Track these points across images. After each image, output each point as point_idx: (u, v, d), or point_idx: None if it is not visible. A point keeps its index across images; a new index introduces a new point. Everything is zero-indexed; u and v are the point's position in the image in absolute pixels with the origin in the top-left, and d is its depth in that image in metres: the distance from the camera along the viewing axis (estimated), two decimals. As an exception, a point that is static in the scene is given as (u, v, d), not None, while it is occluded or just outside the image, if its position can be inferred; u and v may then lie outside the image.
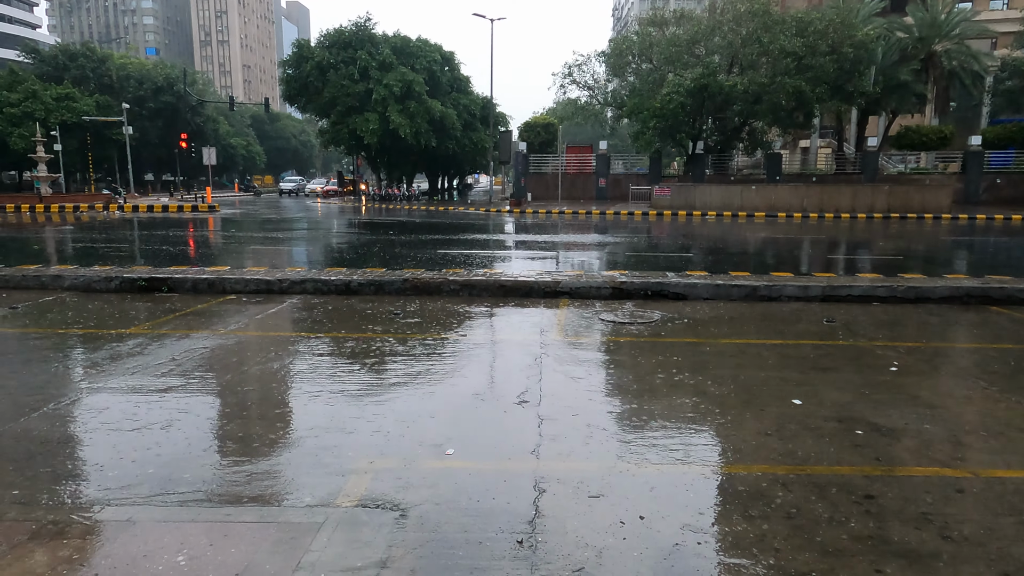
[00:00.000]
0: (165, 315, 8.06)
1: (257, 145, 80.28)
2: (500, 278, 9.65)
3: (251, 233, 21.23)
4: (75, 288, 9.86)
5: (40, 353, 6.34)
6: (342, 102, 42.14)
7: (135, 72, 58.59)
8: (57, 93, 46.75)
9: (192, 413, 4.63)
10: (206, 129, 62.48)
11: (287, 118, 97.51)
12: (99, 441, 4.14)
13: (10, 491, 3.44)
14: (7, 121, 43.98)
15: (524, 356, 6.14)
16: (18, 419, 4.49)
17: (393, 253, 14.62)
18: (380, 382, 5.39)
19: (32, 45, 58.88)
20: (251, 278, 9.83)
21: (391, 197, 46.21)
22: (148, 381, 5.38)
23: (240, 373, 5.65)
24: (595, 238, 19.26)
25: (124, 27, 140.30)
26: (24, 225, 24.14)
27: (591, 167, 40.56)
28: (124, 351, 6.36)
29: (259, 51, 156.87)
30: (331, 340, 6.90)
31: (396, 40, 44.28)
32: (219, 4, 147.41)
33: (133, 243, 17.56)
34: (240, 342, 6.74)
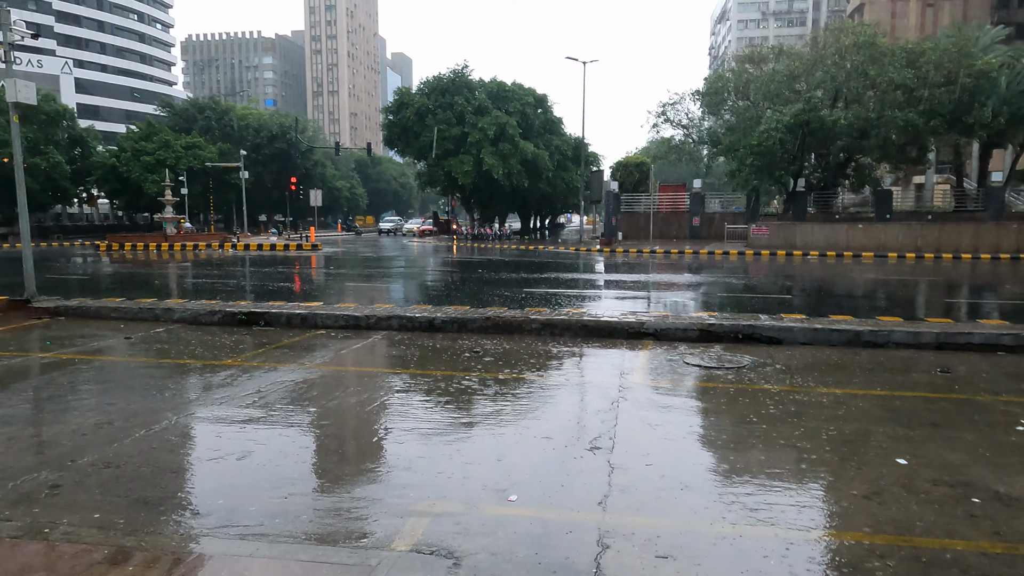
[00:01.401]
0: (258, 348, 8.43)
1: (360, 187, 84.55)
2: (582, 318, 9.48)
3: (347, 270, 22.14)
4: (183, 320, 10.53)
5: (142, 381, 6.75)
6: (439, 145, 43.74)
7: (253, 121, 63.51)
8: (186, 142, 51.30)
9: (267, 446, 4.73)
10: (314, 173, 66.50)
11: (388, 162, 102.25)
12: (179, 469, 4.29)
13: (92, 514, 3.60)
14: (143, 168, 48.59)
15: (601, 399, 5.92)
16: (111, 444, 4.74)
17: (480, 291, 14.75)
18: (451, 421, 5.33)
19: (167, 100, 65.26)
20: (340, 314, 10.15)
21: (483, 236, 47.10)
22: (232, 412, 5.58)
23: (317, 407, 5.76)
24: (686, 278, 18.69)
25: (247, 81, 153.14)
26: (150, 262, 26.36)
27: (684, 206, 39.76)
28: (216, 382, 6.66)
29: (365, 99, 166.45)
30: (409, 377, 6.95)
31: (491, 85, 45.69)
32: (331, 57, 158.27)
33: (240, 279, 18.71)
34: (323, 376, 6.91)
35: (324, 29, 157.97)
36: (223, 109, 61.71)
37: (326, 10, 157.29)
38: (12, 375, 7.25)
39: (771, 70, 37.15)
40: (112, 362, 7.74)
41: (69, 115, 51.78)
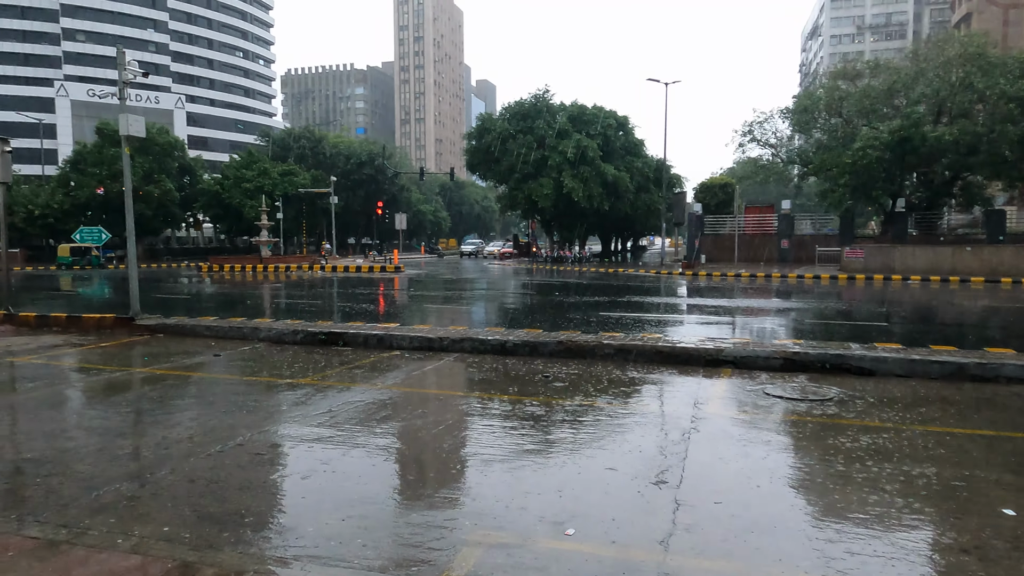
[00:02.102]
0: (335, 367, 8.65)
1: (444, 211, 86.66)
2: (657, 343, 9.19)
3: (427, 292, 22.58)
4: (268, 339, 10.99)
5: (224, 398, 7.05)
6: (519, 169, 44.20)
7: (344, 149, 66.52)
8: (282, 169, 54.28)
9: (331, 466, 4.80)
10: (400, 197, 68.76)
11: (471, 186, 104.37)
12: (246, 486, 4.40)
13: (162, 527, 3.74)
14: (243, 194, 51.73)
15: (672, 430, 5.67)
16: (188, 458, 4.95)
17: (555, 314, 14.65)
18: (514, 447, 5.23)
19: (266, 130, 69.47)
20: (415, 335, 10.31)
21: (563, 259, 47.01)
22: (303, 430, 5.72)
23: (383, 429, 5.81)
24: (772, 303, 17.88)
25: (340, 111, 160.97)
26: (246, 282, 27.88)
27: (772, 228, 38.25)
28: (291, 400, 6.87)
29: (450, 126, 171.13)
30: (476, 400, 6.92)
31: (572, 108, 45.88)
32: (418, 86, 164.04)
33: (325, 299, 19.44)
34: (392, 397, 6.98)
35: (412, 59, 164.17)
36: (316, 138, 64.99)
37: (414, 41, 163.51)
38: (112, 388, 7.76)
39: (866, 85, 35.41)
40: (200, 378, 8.15)
41: (180, 146, 55.96)
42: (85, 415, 6.58)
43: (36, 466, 4.92)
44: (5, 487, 4.43)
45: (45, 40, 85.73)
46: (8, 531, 3.64)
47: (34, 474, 4.72)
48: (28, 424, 6.24)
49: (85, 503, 4.09)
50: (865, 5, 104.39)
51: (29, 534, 3.60)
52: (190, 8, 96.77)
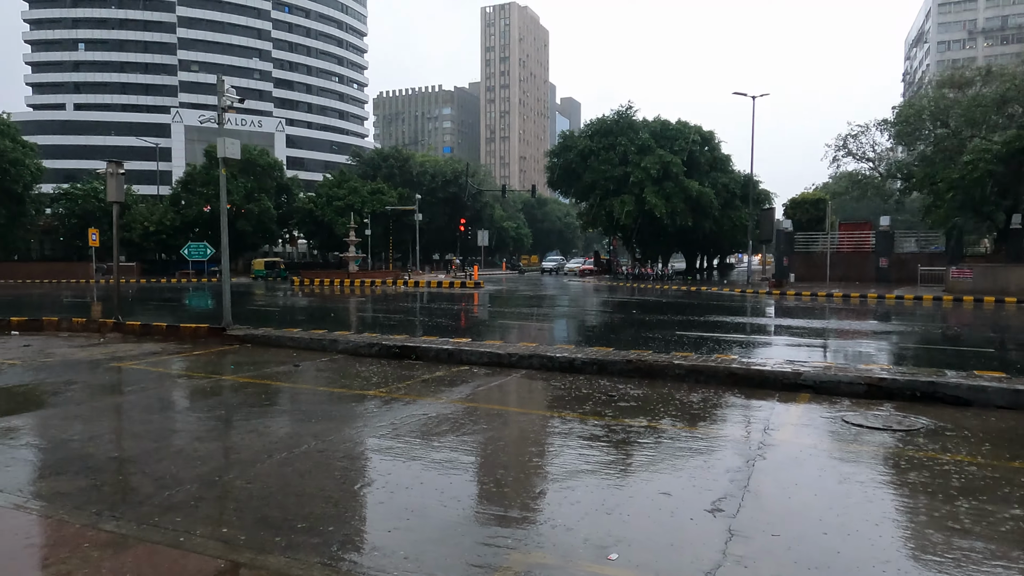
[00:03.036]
0: (404, 380, 8.85)
1: (526, 228, 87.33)
2: (731, 365, 8.85)
3: (503, 308, 22.75)
4: (346, 351, 11.39)
5: (296, 407, 7.35)
6: (601, 186, 44.00)
7: (430, 168, 68.44)
8: (371, 188, 56.44)
9: (387, 477, 4.90)
10: (483, 214, 69.89)
11: (554, 203, 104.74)
12: (304, 493, 4.56)
13: (221, 528, 3.93)
14: (335, 212, 54.11)
15: (735, 456, 5.43)
16: (255, 464, 5.18)
17: (630, 333, 14.40)
18: (570, 466, 5.16)
19: (358, 151, 72.48)
20: (484, 351, 10.40)
21: (644, 276, 46.25)
22: (366, 441, 5.87)
23: (441, 443, 5.87)
24: (865, 325, 16.85)
25: (428, 131, 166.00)
26: (332, 296, 29.06)
27: (869, 245, 36.14)
28: (359, 411, 7.08)
29: (534, 144, 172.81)
30: (538, 418, 6.89)
31: (655, 124, 45.31)
32: (503, 106, 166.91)
33: (405, 313, 19.95)
34: (454, 412, 7.06)
35: (498, 80, 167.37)
36: (404, 157, 67.21)
37: (500, 62, 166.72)
38: (198, 394, 8.26)
39: (977, 94, 33.06)
40: (278, 387, 8.54)
41: (279, 167, 59.29)
42: (171, 418, 7.03)
43: (121, 464, 5.29)
44: (91, 483, 4.79)
45: (164, 71, 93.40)
46: (87, 524, 3.93)
47: (118, 471, 5.09)
48: (122, 424, 6.74)
49: (157, 501, 4.36)
50: (977, 8, 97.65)
51: (104, 528, 3.87)
52: (291, 37, 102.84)
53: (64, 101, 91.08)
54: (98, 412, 7.24)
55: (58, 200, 52.95)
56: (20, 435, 6.24)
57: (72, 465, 5.23)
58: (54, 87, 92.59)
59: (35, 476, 5.09)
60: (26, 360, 10.63)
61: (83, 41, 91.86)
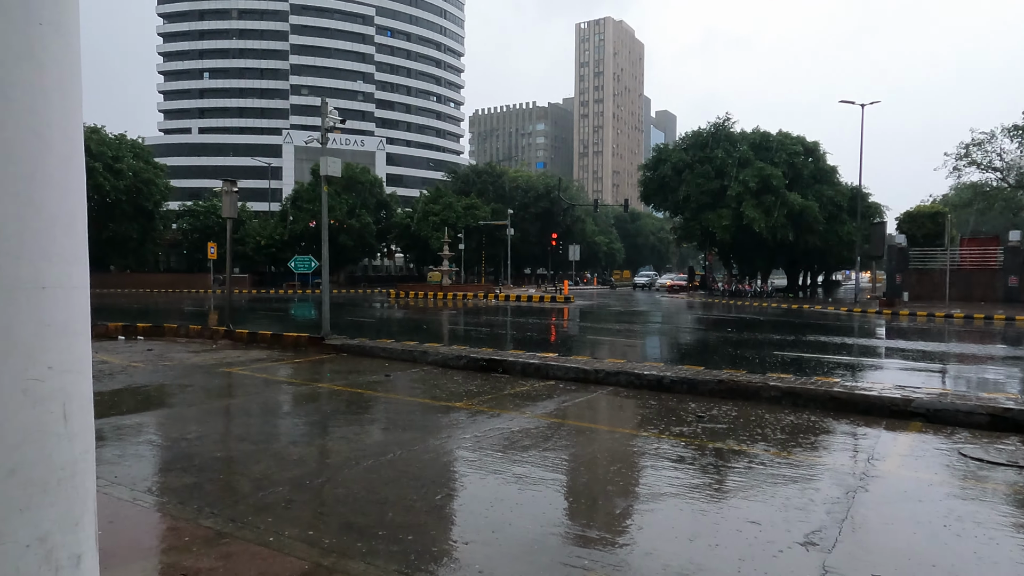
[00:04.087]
0: (489, 393, 8.93)
1: (618, 242, 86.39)
2: (832, 388, 8.33)
3: (592, 323, 22.55)
4: (435, 363, 11.64)
5: (386, 416, 7.58)
6: (696, 199, 42.92)
7: (522, 183, 69.19)
8: (465, 203, 57.76)
9: (467, 490, 4.94)
10: (574, 229, 69.78)
11: (647, 217, 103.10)
12: (386, 501, 4.68)
13: (307, 531, 4.09)
14: (430, 227, 55.76)
15: (834, 487, 5.08)
16: (343, 470, 5.38)
17: (723, 352, 13.89)
18: (655, 488, 5.01)
19: (453, 167, 74.42)
20: (570, 366, 10.33)
21: (741, 293, 44.54)
22: (449, 453, 5.96)
23: (522, 457, 5.86)
24: (989, 349, 15.42)
25: (521, 147, 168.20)
26: (425, 308, 29.85)
27: (996, 262, 33.15)
28: (444, 422, 7.20)
29: (627, 157, 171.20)
30: (623, 436, 6.75)
31: (755, 136, 43.79)
32: (597, 120, 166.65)
33: (494, 327, 20.18)
34: (538, 427, 7.04)
35: (592, 94, 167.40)
36: (497, 173, 68.33)
37: (594, 76, 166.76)
38: (296, 400, 8.68)
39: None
40: (369, 396, 8.84)
41: (379, 184, 61.85)
42: (271, 422, 7.42)
43: (224, 464, 5.64)
44: (195, 480, 5.13)
45: (277, 96, 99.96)
46: (189, 519, 4.20)
47: (220, 470, 5.42)
48: (227, 426, 7.19)
49: (252, 501, 4.61)
50: None
51: (204, 523, 4.12)
52: (393, 60, 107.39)
53: (190, 126, 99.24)
54: (208, 414, 7.77)
55: (183, 216, 57.58)
56: (141, 432, 6.79)
57: (181, 463, 5.62)
58: (182, 113, 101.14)
59: (149, 471, 5.51)
60: (149, 363, 11.56)
61: (208, 70, 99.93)
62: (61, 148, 2.02)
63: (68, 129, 2.07)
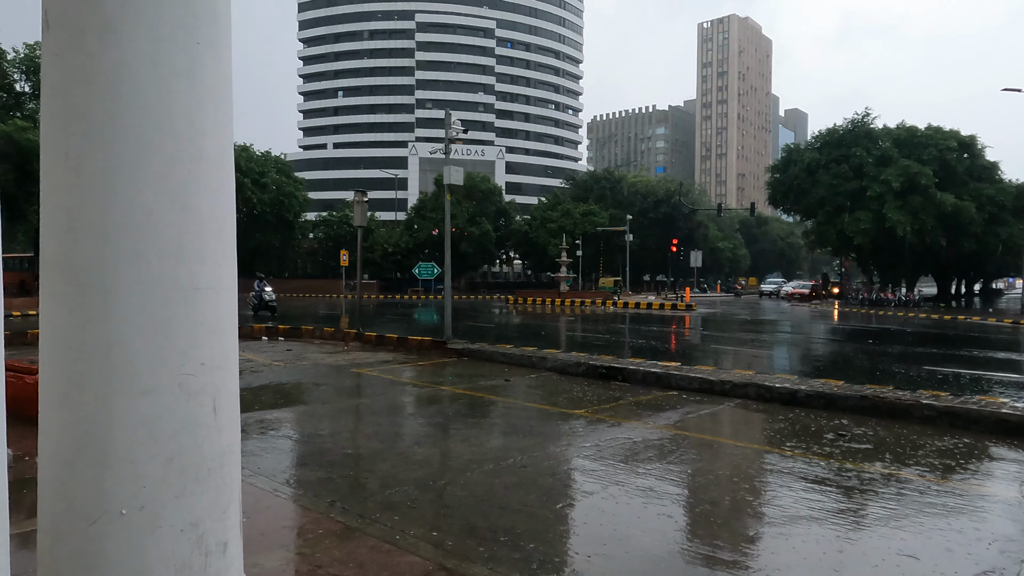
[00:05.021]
0: (609, 402, 8.75)
1: (743, 248, 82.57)
2: (1000, 410, 7.41)
3: (715, 332, 21.61)
4: (554, 369, 11.60)
5: (505, 420, 7.62)
6: (830, 201, 40.11)
7: (641, 188, 67.96)
8: (583, 210, 57.62)
9: (589, 499, 4.82)
10: (696, 234, 67.52)
11: (775, 221, 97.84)
12: (507, 506, 4.66)
13: (431, 532, 4.15)
14: (548, 233, 56.09)
15: (1006, 521, 4.48)
16: (465, 472, 5.44)
17: (863, 365, 12.81)
18: (790, 511, 4.65)
19: (571, 174, 74.47)
20: (694, 376, 9.92)
21: (883, 302, 41.00)
22: (569, 461, 5.87)
23: (646, 469, 5.66)
24: None
25: (640, 152, 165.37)
26: (543, 314, 29.97)
27: None
28: (563, 429, 7.12)
29: (754, 159, 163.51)
30: (753, 452, 6.35)
31: (898, 132, 40.29)
32: (720, 122, 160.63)
33: (613, 334, 19.85)
34: (661, 439, 6.79)
35: (715, 95, 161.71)
36: (616, 179, 67.62)
37: (718, 77, 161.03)
38: (420, 401, 8.95)
39: None
40: (489, 400, 8.94)
41: (498, 192, 63.13)
42: (396, 422, 7.69)
43: (353, 460, 5.88)
44: (327, 475, 5.38)
45: (403, 110, 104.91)
46: (322, 512, 4.40)
47: (350, 467, 5.66)
48: (356, 425, 7.52)
49: (379, 499, 4.75)
50: None
51: (335, 517, 4.30)
52: (512, 71, 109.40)
53: (326, 141, 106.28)
54: (339, 412, 8.18)
55: (318, 226, 61.73)
56: (281, 427, 7.25)
57: (315, 457, 5.93)
58: (318, 130, 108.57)
59: (287, 464, 5.86)
60: (288, 362, 12.40)
61: (341, 89, 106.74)
62: (214, 156, 2.15)
63: (220, 139, 2.20)
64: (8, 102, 31.84)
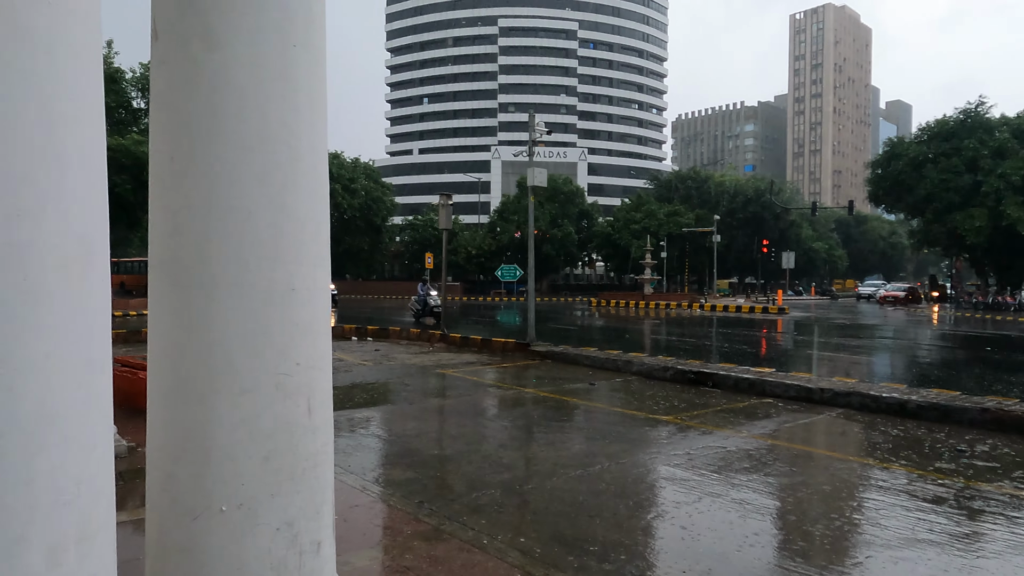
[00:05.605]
0: (699, 408, 8.43)
1: (839, 249, 78.30)
2: None
3: (811, 337, 20.52)
4: (640, 373, 11.33)
5: (591, 425, 7.47)
6: (939, 198, 37.37)
7: (729, 187, 65.73)
8: (667, 210, 56.32)
9: (681, 510, 4.62)
10: (788, 235, 64.60)
11: (875, 220, 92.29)
12: (596, 514, 4.53)
13: (519, 537, 4.08)
14: (631, 235, 55.20)
15: None
16: (551, 477, 5.34)
17: (980, 374, 11.79)
18: (903, 532, 4.28)
19: (655, 174, 73.03)
20: (791, 383, 9.41)
21: (1001, 306, 37.75)
22: (658, 468, 5.67)
23: (742, 481, 5.37)
24: None
25: (728, 150, 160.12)
26: (627, 317, 29.47)
27: None
28: (651, 436, 6.90)
29: (851, 155, 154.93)
30: (859, 467, 5.92)
31: (1018, 121, 37.04)
32: (814, 116, 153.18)
33: (699, 338, 19.23)
34: (757, 448, 6.45)
35: (808, 89, 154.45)
36: (702, 178, 65.75)
37: (811, 69, 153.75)
38: (504, 403, 8.94)
39: None
40: (574, 404, 8.81)
41: (580, 194, 62.78)
42: (481, 424, 7.69)
43: (439, 461, 5.91)
44: (415, 475, 5.43)
45: (486, 115, 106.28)
46: (410, 513, 4.42)
47: (436, 467, 5.69)
48: (442, 425, 7.59)
49: (466, 501, 4.74)
50: None
51: (423, 519, 4.30)
52: (595, 71, 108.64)
53: (411, 147, 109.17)
54: (425, 412, 8.28)
55: (404, 230, 63.45)
56: (369, 425, 7.41)
57: (402, 457, 6.01)
58: (404, 136, 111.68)
59: (376, 463, 5.96)
60: (376, 362, 12.72)
61: (427, 96, 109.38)
62: (309, 159, 2.16)
63: (315, 142, 2.20)
64: (126, 118, 34.51)
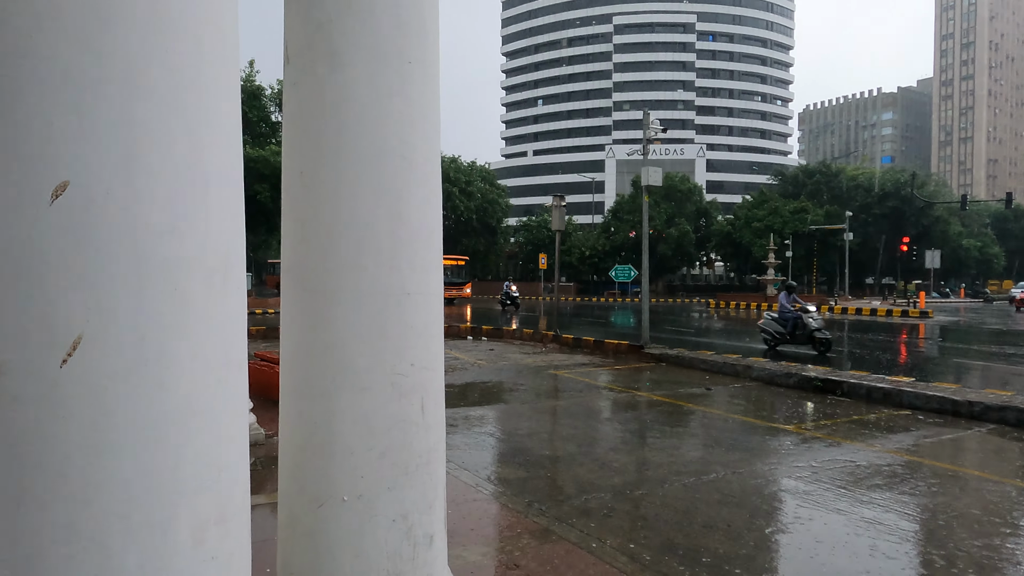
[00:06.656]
0: (825, 418, 7.93)
1: (995, 246, 70.52)
2: None
3: (957, 344, 18.64)
4: (760, 379, 10.82)
5: (706, 431, 7.23)
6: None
7: (863, 181, 61.08)
8: (793, 207, 53.24)
9: (805, 526, 4.37)
10: (933, 231, 59.07)
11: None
12: (711, 524, 4.38)
13: (628, 543, 4.04)
14: (753, 233, 52.74)
15: None
16: (663, 484, 5.23)
17: None
18: (1068, 568, 3.81)
19: (780, 169, 69.28)
20: (933, 394, 8.63)
21: None
22: (779, 480, 5.39)
23: (874, 498, 4.99)
24: None
25: (863, 141, 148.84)
26: (748, 320, 28.18)
27: None
28: (771, 445, 6.58)
29: (1009, 142, 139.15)
30: (1012, 491, 5.32)
31: None
32: (965, 100, 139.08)
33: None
34: (891, 464, 5.97)
35: (958, 71, 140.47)
36: (832, 172, 61.57)
37: (961, 49, 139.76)
38: (616, 406, 8.85)
39: None
40: (689, 409, 8.57)
41: (698, 191, 60.81)
42: (592, 426, 7.66)
43: (550, 462, 5.96)
44: (526, 474, 5.50)
45: (600, 114, 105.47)
46: (520, 511, 4.50)
47: (547, 468, 5.74)
48: (554, 426, 7.64)
49: (576, 504, 4.75)
50: None
51: (533, 519, 4.36)
52: (714, 64, 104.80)
53: (526, 149, 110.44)
54: (537, 412, 8.37)
55: (519, 231, 64.32)
56: (483, 424, 7.60)
57: (514, 456, 6.11)
58: (519, 139, 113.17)
59: (488, 460, 6.10)
60: (490, 362, 13.01)
61: (541, 98, 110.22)
62: (423, 169, 2.27)
63: (428, 152, 2.31)
64: (266, 131, 37.53)
